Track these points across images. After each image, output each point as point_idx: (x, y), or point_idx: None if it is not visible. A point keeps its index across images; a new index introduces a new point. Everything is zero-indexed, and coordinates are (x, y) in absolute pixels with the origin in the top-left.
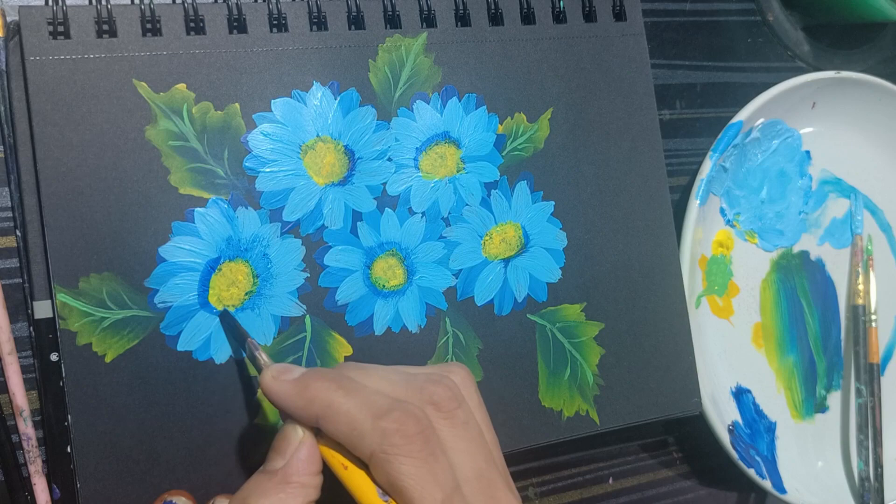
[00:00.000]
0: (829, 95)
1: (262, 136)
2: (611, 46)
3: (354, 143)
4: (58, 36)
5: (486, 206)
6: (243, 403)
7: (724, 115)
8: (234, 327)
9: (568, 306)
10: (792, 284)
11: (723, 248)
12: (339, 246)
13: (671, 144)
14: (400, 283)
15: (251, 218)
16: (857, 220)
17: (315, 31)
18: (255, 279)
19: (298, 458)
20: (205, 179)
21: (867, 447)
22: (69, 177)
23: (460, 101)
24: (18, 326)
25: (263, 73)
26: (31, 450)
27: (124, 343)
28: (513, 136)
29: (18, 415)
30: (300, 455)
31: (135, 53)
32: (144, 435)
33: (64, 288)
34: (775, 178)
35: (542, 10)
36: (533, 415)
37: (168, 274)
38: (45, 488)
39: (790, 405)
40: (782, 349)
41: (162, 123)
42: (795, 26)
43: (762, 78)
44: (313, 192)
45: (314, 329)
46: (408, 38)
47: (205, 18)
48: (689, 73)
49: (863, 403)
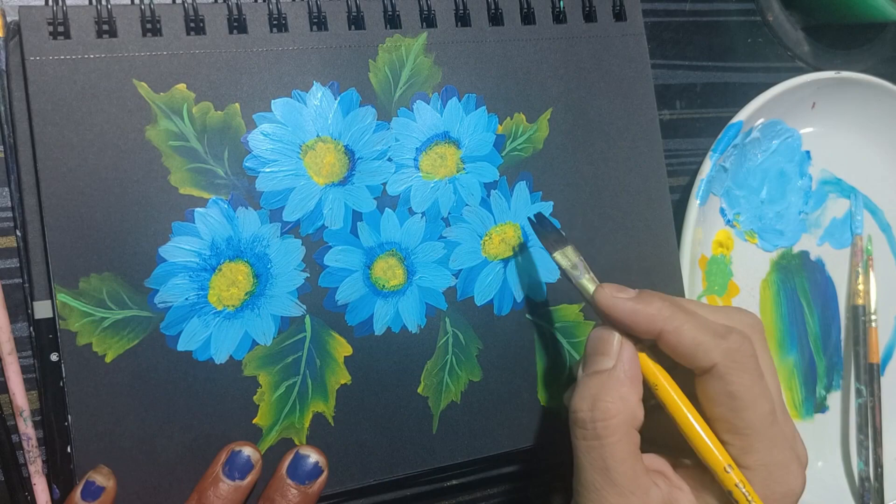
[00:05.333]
0: (829, 95)
1: (262, 136)
2: (611, 46)
3: (354, 144)
4: (58, 36)
5: (486, 206)
6: (243, 403)
7: (724, 115)
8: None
9: (567, 306)
10: (792, 284)
11: (723, 249)
12: (339, 246)
13: (671, 144)
14: (400, 284)
15: (251, 218)
16: (857, 220)
17: (315, 31)
18: (255, 279)
19: (627, 357)
20: (205, 179)
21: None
22: (69, 177)
23: (460, 102)
24: (18, 326)
25: (263, 73)
26: (31, 450)
27: (124, 343)
28: (512, 136)
29: (18, 415)
30: (626, 355)
31: (135, 53)
32: (144, 435)
33: (64, 288)
34: (775, 178)
35: (542, 10)
36: (532, 414)
37: (168, 274)
38: (45, 488)
39: (790, 405)
40: (782, 349)
41: (162, 123)
42: (795, 26)
43: (762, 78)
44: (313, 192)
45: (314, 329)
46: (408, 38)
47: (205, 18)
48: (689, 73)
49: (863, 403)
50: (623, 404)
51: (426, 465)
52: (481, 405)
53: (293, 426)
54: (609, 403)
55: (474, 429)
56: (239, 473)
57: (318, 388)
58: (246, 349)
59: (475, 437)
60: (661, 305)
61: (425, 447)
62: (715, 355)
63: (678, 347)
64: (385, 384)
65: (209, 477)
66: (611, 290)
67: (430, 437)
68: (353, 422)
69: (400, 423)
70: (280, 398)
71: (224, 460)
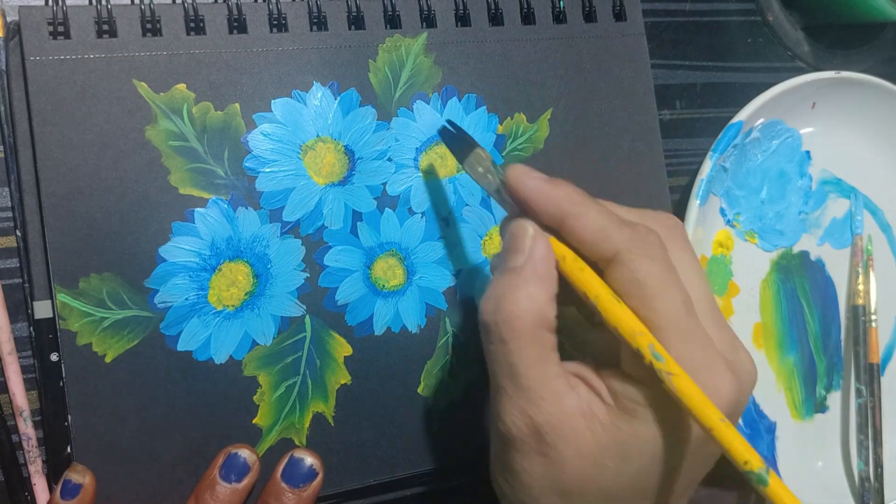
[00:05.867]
0: (829, 95)
1: (262, 136)
2: (611, 46)
3: (354, 144)
4: (58, 36)
5: (486, 206)
6: (243, 403)
7: (724, 115)
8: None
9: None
10: (792, 284)
11: (723, 249)
12: (339, 246)
13: (671, 144)
14: (400, 284)
15: (251, 218)
16: (857, 220)
17: (315, 31)
18: (254, 279)
19: (538, 253)
20: (205, 179)
21: (867, 447)
22: (69, 177)
23: (460, 102)
24: (18, 326)
25: (263, 73)
26: (31, 450)
27: (124, 343)
28: (512, 136)
29: (18, 415)
30: (538, 250)
31: (135, 53)
32: (144, 435)
33: (64, 288)
34: (775, 178)
35: (542, 11)
36: None
37: (168, 274)
38: (45, 488)
39: (790, 405)
40: (782, 349)
41: (162, 123)
42: (795, 26)
43: (762, 78)
44: (313, 192)
45: (314, 329)
46: (408, 38)
47: (205, 18)
48: (689, 73)
49: (863, 403)
50: (530, 304)
51: (426, 465)
52: (481, 405)
53: (293, 426)
54: (514, 304)
55: (474, 428)
56: (236, 476)
57: (318, 388)
58: (246, 349)
59: (475, 436)
60: (570, 190)
61: (425, 447)
62: (618, 241)
63: (582, 233)
64: (385, 384)
65: (207, 480)
66: (522, 169)
67: (430, 437)
68: (353, 422)
69: (400, 423)
70: (280, 398)
71: (221, 463)
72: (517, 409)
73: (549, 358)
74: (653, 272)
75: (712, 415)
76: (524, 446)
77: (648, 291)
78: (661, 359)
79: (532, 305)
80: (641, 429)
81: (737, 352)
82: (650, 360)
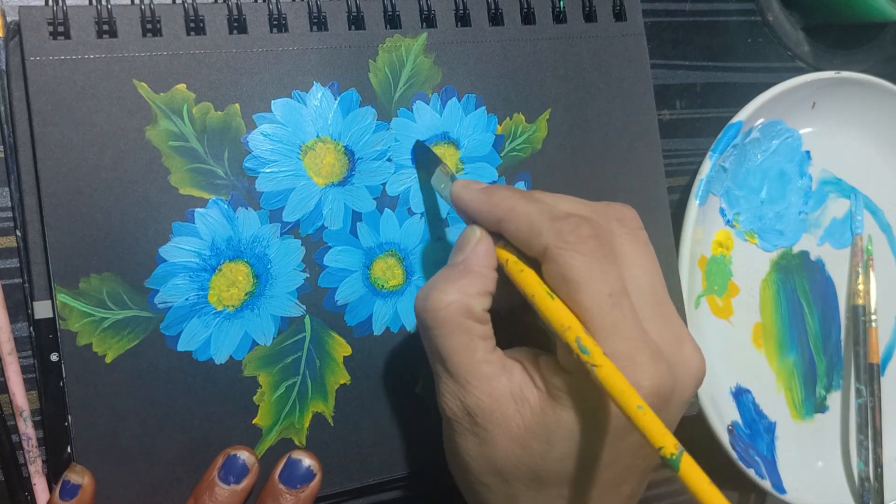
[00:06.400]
0: (829, 95)
1: (262, 136)
2: (611, 46)
3: (354, 144)
4: (58, 36)
5: None
6: (243, 403)
7: (724, 115)
8: (425, 154)
9: None
10: (792, 284)
11: (722, 249)
12: (339, 246)
13: (671, 144)
14: (399, 284)
15: (251, 218)
16: (857, 221)
17: (315, 31)
18: (254, 279)
19: (477, 251)
20: (205, 180)
21: (867, 447)
22: (69, 177)
23: (460, 102)
24: (18, 326)
25: (263, 73)
26: (31, 450)
27: (124, 343)
28: (511, 136)
29: (18, 415)
30: (478, 249)
31: (135, 54)
32: (144, 435)
33: (64, 288)
34: (775, 178)
35: (542, 11)
36: None
37: (168, 274)
38: (45, 488)
39: (790, 405)
40: (782, 349)
41: (162, 124)
42: (795, 26)
43: (762, 78)
44: (313, 192)
45: (313, 329)
46: (408, 38)
47: (205, 19)
48: (689, 73)
49: (863, 403)
50: (457, 296)
51: (425, 465)
52: None
53: (293, 426)
54: (442, 294)
55: None
56: (235, 478)
57: (318, 388)
58: (246, 349)
59: None
60: (506, 195)
61: (425, 447)
62: (547, 237)
63: (516, 234)
64: (385, 384)
65: (206, 481)
66: (463, 182)
67: (430, 437)
68: (352, 422)
69: (400, 423)
70: (280, 398)
71: (220, 464)
72: (450, 391)
73: (475, 345)
74: (577, 266)
75: (630, 403)
76: (460, 427)
77: (573, 285)
78: (587, 351)
79: (458, 297)
80: (563, 415)
81: (680, 345)
82: (577, 353)
